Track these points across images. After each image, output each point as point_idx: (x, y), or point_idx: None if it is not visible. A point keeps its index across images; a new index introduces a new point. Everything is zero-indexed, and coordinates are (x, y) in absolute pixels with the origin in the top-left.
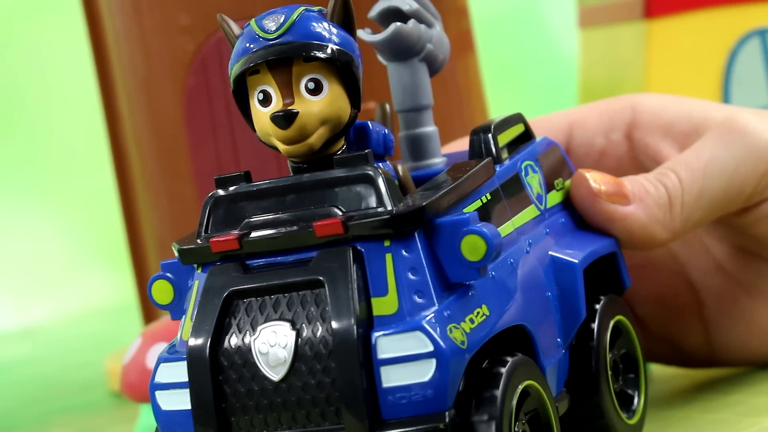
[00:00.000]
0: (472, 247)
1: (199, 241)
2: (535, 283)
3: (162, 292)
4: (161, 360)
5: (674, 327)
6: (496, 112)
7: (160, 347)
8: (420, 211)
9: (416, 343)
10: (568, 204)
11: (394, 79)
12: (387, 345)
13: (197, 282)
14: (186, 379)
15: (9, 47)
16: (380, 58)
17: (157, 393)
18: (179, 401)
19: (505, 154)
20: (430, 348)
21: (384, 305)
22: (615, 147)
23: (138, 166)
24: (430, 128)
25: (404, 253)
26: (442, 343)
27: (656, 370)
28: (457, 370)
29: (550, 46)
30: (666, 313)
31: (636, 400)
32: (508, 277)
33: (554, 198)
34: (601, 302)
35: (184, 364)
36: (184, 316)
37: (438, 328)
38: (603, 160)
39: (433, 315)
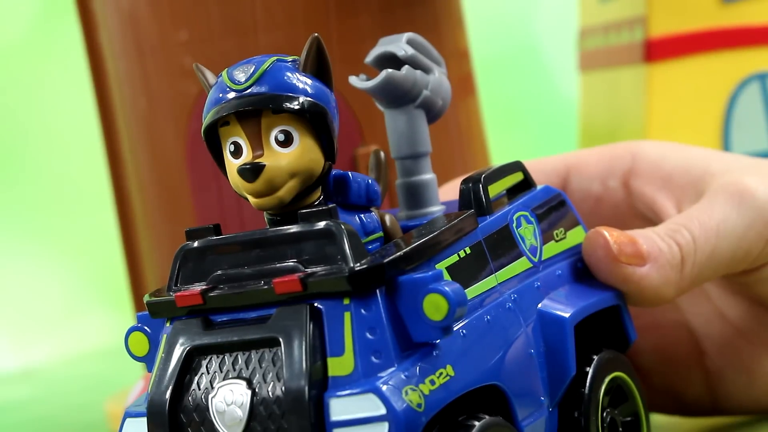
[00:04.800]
0: (434, 307)
1: (168, 294)
2: (514, 340)
3: (138, 344)
4: (128, 415)
5: (675, 377)
6: (497, 156)
7: None
8: (380, 269)
9: (369, 405)
10: (569, 255)
11: (391, 125)
12: (339, 407)
13: (165, 336)
14: None
15: (11, 89)
16: (377, 105)
17: None
18: None
19: (504, 202)
20: (383, 411)
21: (340, 365)
22: (611, 194)
23: (140, 208)
24: (427, 176)
25: (363, 311)
26: (395, 406)
27: (659, 419)
28: None
29: (550, 90)
30: (667, 363)
31: None
32: (483, 336)
33: (552, 249)
34: (596, 358)
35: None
36: (153, 370)
37: (393, 391)
38: (599, 206)
39: (389, 376)
